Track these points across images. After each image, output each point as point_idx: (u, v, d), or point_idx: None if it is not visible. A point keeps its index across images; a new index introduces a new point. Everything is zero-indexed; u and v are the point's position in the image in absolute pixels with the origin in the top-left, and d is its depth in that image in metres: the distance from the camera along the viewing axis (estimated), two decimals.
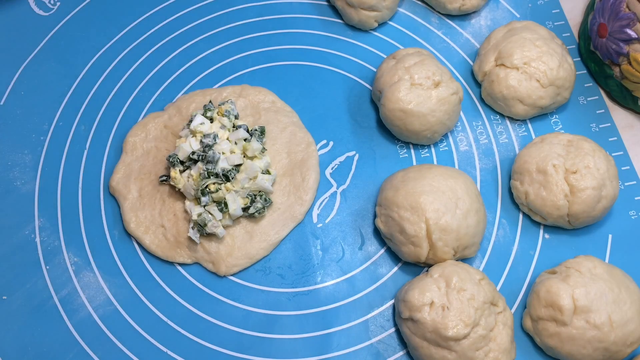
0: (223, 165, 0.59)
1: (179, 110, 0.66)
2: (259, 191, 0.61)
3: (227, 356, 0.58)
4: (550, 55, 0.65)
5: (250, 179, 0.60)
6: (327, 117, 0.68)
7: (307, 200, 0.63)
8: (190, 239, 0.60)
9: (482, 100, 0.69)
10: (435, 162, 0.66)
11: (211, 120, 0.62)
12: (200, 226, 0.58)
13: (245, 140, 0.61)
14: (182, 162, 0.60)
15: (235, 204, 0.59)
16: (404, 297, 0.55)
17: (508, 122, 0.68)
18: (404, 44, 0.72)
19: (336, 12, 0.74)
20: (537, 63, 0.65)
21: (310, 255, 0.62)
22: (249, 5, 0.73)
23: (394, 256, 0.62)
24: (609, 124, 0.69)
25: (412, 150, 0.67)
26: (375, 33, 0.73)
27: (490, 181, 0.66)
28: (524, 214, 0.64)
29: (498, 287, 0.61)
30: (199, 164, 0.59)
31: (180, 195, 0.62)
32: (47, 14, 0.72)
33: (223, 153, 0.60)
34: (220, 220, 0.59)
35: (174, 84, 0.69)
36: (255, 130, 0.63)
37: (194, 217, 0.58)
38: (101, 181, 0.64)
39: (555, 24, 0.74)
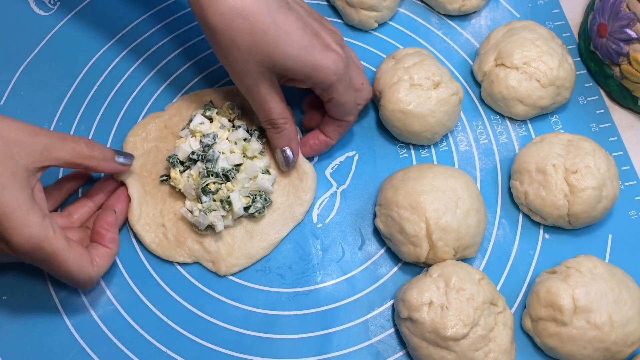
0: (223, 164, 0.59)
1: (179, 110, 0.66)
2: (259, 191, 0.61)
3: (227, 356, 0.58)
4: (550, 55, 0.65)
5: (250, 178, 0.60)
6: None
7: (307, 200, 0.63)
8: (190, 236, 0.60)
9: (482, 101, 0.69)
10: (435, 162, 0.66)
11: (210, 120, 0.62)
12: (204, 214, 0.58)
13: (245, 140, 0.61)
14: (182, 163, 0.60)
15: (240, 203, 0.59)
16: (402, 297, 0.55)
17: (508, 122, 0.68)
18: (404, 44, 0.72)
19: (336, 12, 0.74)
20: (537, 63, 0.65)
21: (310, 255, 0.62)
22: None
23: (394, 256, 0.62)
24: (609, 124, 0.69)
25: (412, 150, 0.67)
26: (375, 33, 0.73)
27: (490, 181, 0.66)
28: (523, 214, 0.64)
29: (498, 287, 0.61)
30: (199, 163, 0.59)
31: (181, 195, 0.62)
32: (47, 14, 0.72)
33: (223, 153, 0.60)
34: (222, 216, 0.59)
35: (174, 84, 0.69)
36: (255, 130, 0.63)
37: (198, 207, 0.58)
38: None
39: (555, 24, 0.74)
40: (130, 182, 0.61)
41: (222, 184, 0.59)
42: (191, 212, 0.59)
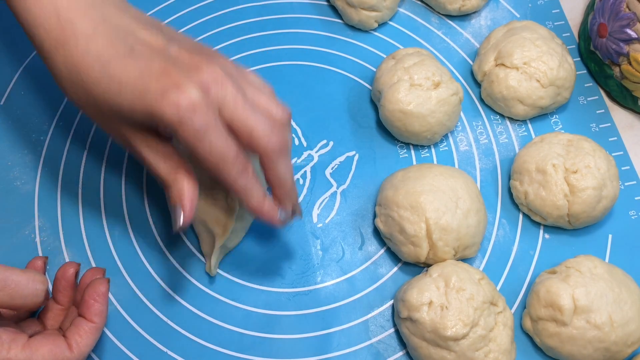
0: None
1: None
2: None
3: (227, 356, 0.58)
4: (550, 55, 0.65)
5: None
6: (327, 117, 0.68)
7: None
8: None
9: (482, 101, 0.69)
10: (435, 162, 0.66)
11: None
12: None
13: None
14: None
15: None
16: (402, 297, 0.55)
17: (508, 122, 0.68)
18: (404, 44, 0.72)
19: (336, 12, 0.74)
20: (537, 63, 0.65)
21: (310, 255, 0.62)
22: (248, 5, 0.73)
23: (394, 256, 0.62)
24: (609, 124, 0.69)
25: (412, 151, 0.67)
26: (375, 33, 0.73)
27: (490, 181, 0.66)
28: (524, 214, 0.64)
29: (498, 287, 0.61)
30: None
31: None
32: None
33: None
34: None
35: None
36: None
37: None
38: (101, 180, 0.64)
39: (555, 24, 0.74)
40: None
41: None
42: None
